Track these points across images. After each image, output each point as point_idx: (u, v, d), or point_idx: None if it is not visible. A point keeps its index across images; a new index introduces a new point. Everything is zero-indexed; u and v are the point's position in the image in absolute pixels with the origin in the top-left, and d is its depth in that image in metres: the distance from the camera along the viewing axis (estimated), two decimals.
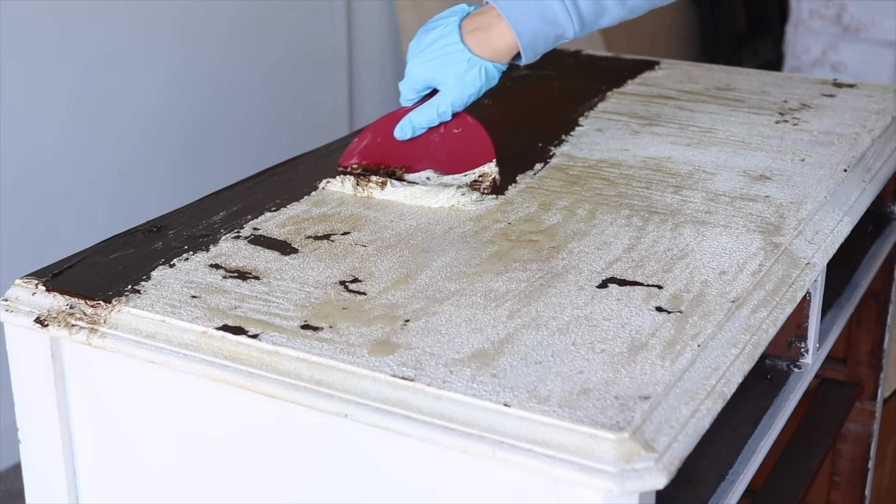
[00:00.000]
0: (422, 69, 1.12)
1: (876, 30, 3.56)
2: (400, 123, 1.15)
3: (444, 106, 1.12)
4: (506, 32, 1.09)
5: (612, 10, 1.10)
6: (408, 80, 1.14)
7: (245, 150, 2.61)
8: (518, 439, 0.75)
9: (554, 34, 1.10)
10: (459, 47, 1.10)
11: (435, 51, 1.11)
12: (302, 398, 0.82)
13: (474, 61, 1.10)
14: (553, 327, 0.86)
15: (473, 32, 1.10)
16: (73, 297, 0.92)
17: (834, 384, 1.62)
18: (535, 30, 1.09)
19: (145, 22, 2.33)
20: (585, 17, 1.10)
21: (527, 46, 1.10)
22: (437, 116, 1.13)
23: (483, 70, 1.10)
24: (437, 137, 1.15)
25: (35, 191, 2.20)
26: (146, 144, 2.39)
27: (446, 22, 1.12)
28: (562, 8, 1.09)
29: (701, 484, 0.97)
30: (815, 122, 1.36)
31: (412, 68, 1.13)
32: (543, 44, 1.11)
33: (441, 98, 1.12)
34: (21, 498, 2.09)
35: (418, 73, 1.12)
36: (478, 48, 1.10)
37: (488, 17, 1.10)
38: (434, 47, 1.11)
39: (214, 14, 2.48)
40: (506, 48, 1.10)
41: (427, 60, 1.11)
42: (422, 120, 1.14)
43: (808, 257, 1.02)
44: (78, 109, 2.24)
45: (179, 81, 2.43)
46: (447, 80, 1.11)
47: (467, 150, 1.14)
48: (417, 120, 1.14)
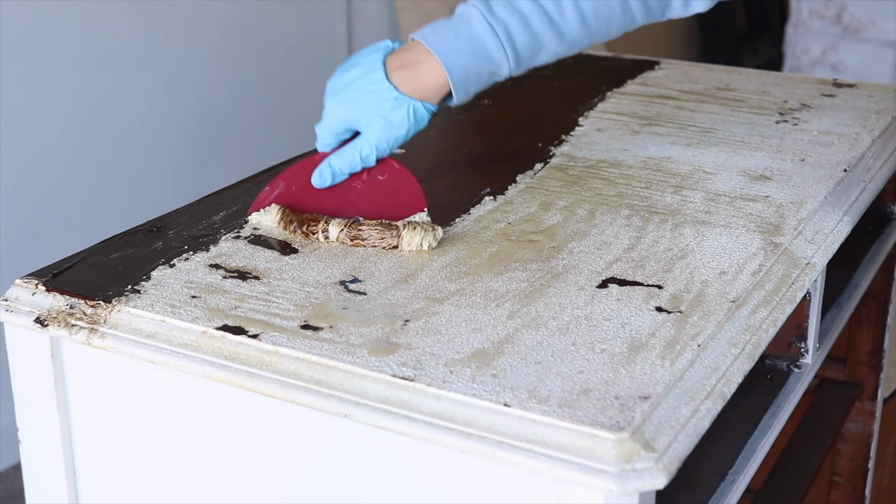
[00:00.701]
0: (342, 110, 1.03)
1: (876, 30, 3.56)
2: (318, 169, 1.05)
3: (367, 149, 1.03)
4: (436, 70, 1.01)
5: (550, 45, 1.04)
6: (326, 122, 1.04)
7: (245, 150, 2.61)
8: (518, 439, 0.75)
9: (487, 71, 1.03)
10: (385, 85, 1.01)
11: (357, 89, 1.02)
12: (302, 398, 0.82)
13: (402, 100, 1.01)
14: (553, 327, 0.86)
15: (400, 69, 1.02)
16: (73, 297, 0.92)
17: (834, 384, 1.62)
18: (467, 66, 1.01)
19: (145, 22, 2.33)
20: (521, 52, 1.03)
21: (458, 84, 1.02)
22: (360, 161, 1.03)
23: (412, 110, 1.02)
24: (359, 185, 1.05)
25: (35, 191, 2.20)
26: (146, 144, 2.40)
27: (369, 59, 1.03)
28: (496, 43, 1.01)
29: (701, 484, 0.97)
30: (815, 122, 1.36)
31: (331, 109, 1.03)
32: (476, 82, 1.03)
33: (364, 140, 1.03)
34: (21, 498, 2.09)
35: (338, 114, 1.03)
36: (405, 86, 1.01)
37: (416, 53, 1.02)
38: (356, 86, 1.02)
39: (215, 14, 2.48)
40: (436, 86, 1.02)
41: (348, 100, 1.02)
42: (342, 165, 1.04)
43: (808, 257, 1.02)
44: (78, 109, 2.24)
45: (179, 81, 2.43)
46: (371, 121, 1.02)
47: (395, 198, 1.04)
48: (338, 165, 1.04)
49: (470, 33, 1.01)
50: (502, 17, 1.01)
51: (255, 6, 2.57)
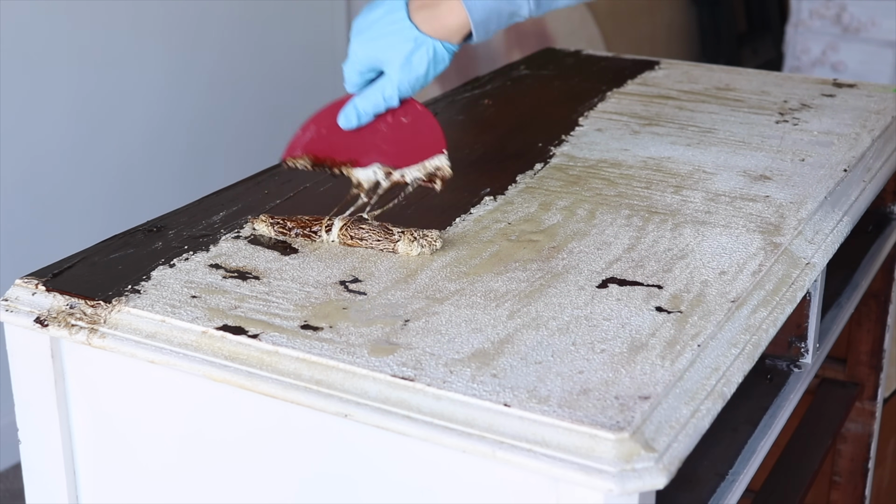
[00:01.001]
0: (365, 48, 1.04)
1: (876, 30, 3.56)
2: (343, 110, 1.06)
3: (390, 90, 1.04)
4: (456, 8, 1.02)
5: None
6: (351, 60, 1.05)
7: (245, 150, 2.61)
8: (518, 439, 0.75)
9: (508, 11, 1.03)
10: (406, 24, 1.02)
11: (379, 29, 1.03)
12: (302, 398, 0.82)
13: (421, 40, 1.02)
14: (553, 327, 0.86)
15: (421, 9, 1.02)
16: (73, 297, 0.92)
17: (834, 384, 1.62)
18: (487, 6, 1.02)
19: (146, 22, 2.33)
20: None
21: (479, 24, 1.02)
22: (384, 101, 1.05)
23: (432, 50, 1.02)
24: (384, 128, 1.07)
25: (35, 191, 2.20)
26: (146, 144, 2.40)
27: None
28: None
29: (701, 484, 0.97)
30: (815, 122, 1.36)
31: (355, 48, 1.04)
32: (496, 22, 1.03)
33: (387, 81, 1.04)
34: (21, 498, 2.09)
35: (362, 52, 1.04)
36: (426, 26, 1.02)
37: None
38: (379, 25, 1.03)
39: (214, 14, 2.48)
40: (456, 26, 1.02)
41: (371, 39, 1.03)
42: (367, 106, 1.05)
43: (808, 257, 1.02)
44: (78, 109, 2.24)
45: (179, 81, 2.43)
46: (393, 60, 1.03)
47: (416, 140, 1.06)
48: (362, 106, 1.05)
49: None
50: None
51: (255, 6, 2.57)
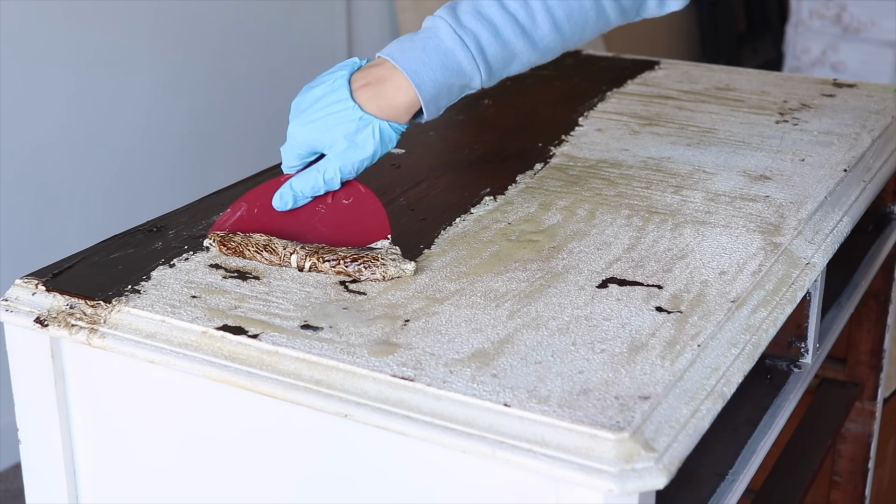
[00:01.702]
0: (305, 130, 0.98)
1: (876, 30, 3.56)
2: (279, 191, 1.00)
3: (331, 172, 0.98)
4: (404, 86, 0.96)
5: (523, 54, 0.99)
6: (290, 143, 0.99)
7: (245, 150, 2.61)
8: (518, 439, 0.75)
9: (459, 84, 0.98)
10: (349, 104, 0.96)
11: (320, 109, 0.97)
12: (302, 398, 0.82)
13: (366, 120, 0.96)
14: (553, 327, 0.86)
15: (365, 87, 0.97)
16: (73, 297, 0.92)
17: (834, 384, 1.62)
18: (437, 82, 0.97)
19: (145, 22, 2.33)
20: (493, 63, 0.98)
21: (429, 101, 0.97)
22: (324, 184, 0.99)
23: (377, 130, 0.97)
24: (323, 208, 1.01)
25: (35, 191, 2.20)
26: (146, 144, 2.40)
27: (334, 77, 0.98)
28: (466, 55, 0.97)
29: (701, 484, 0.97)
30: (815, 122, 1.36)
31: (294, 130, 0.99)
32: (447, 97, 0.99)
33: (328, 163, 0.98)
34: (21, 498, 2.09)
35: (300, 135, 0.98)
36: (371, 105, 0.97)
37: (382, 69, 0.97)
38: (319, 105, 0.97)
39: (215, 14, 2.48)
40: (404, 105, 0.97)
41: (311, 121, 0.98)
42: (305, 188, 0.99)
43: (808, 257, 1.02)
44: (78, 109, 2.24)
45: (179, 81, 2.43)
46: (335, 142, 0.97)
47: (359, 224, 0.99)
48: (300, 187, 0.99)
49: (438, 46, 0.97)
50: (471, 28, 0.97)
51: (255, 6, 2.57)
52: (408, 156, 1.25)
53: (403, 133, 1.00)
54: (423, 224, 1.06)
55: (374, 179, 1.15)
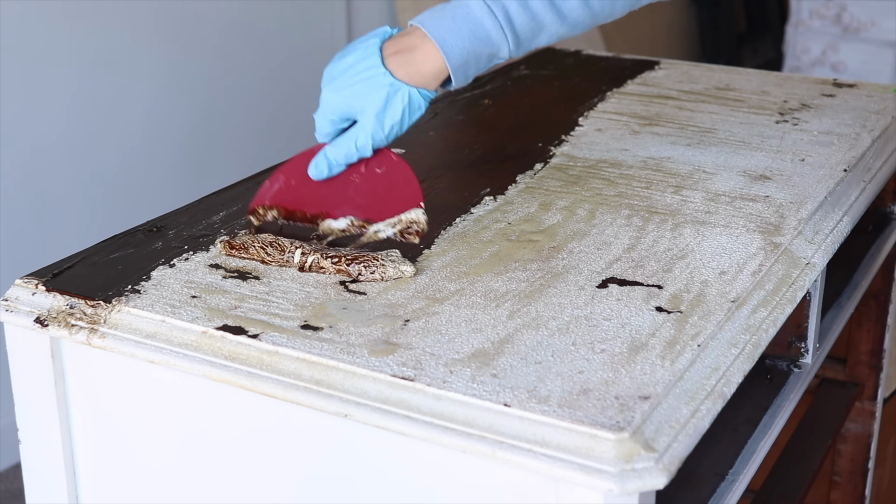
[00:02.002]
0: (337, 97, 0.99)
1: (876, 30, 3.57)
2: (314, 160, 1.02)
3: (363, 139, 0.99)
4: (432, 54, 0.98)
5: (551, 26, 1.00)
6: (323, 109, 1.00)
7: (245, 150, 2.61)
8: (518, 439, 0.75)
9: (487, 53, 1.00)
10: (380, 71, 0.98)
11: (352, 76, 0.98)
12: (302, 398, 0.82)
13: (396, 86, 0.98)
14: (553, 327, 0.86)
15: (396, 55, 0.99)
16: (73, 297, 0.92)
17: (834, 384, 1.62)
18: (465, 50, 0.98)
19: (145, 22, 2.33)
20: (521, 34, 1.00)
21: (457, 69, 0.99)
22: (356, 151, 1.00)
23: (407, 96, 0.98)
24: (357, 178, 1.02)
25: (35, 191, 2.20)
26: (146, 144, 2.40)
27: (366, 45, 1.00)
28: (494, 24, 0.98)
29: (701, 484, 0.97)
30: (815, 122, 1.36)
31: (327, 96, 1.00)
32: (475, 65, 1.00)
33: (360, 130, 0.99)
34: (21, 498, 2.09)
35: (333, 101, 0.99)
36: (401, 72, 0.98)
37: (413, 38, 0.99)
38: (351, 72, 0.99)
39: (214, 14, 2.48)
40: (433, 72, 0.99)
41: (343, 87, 0.99)
42: (338, 155, 1.00)
43: (808, 257, 1.02)
44: (78, 109, 2.24)
45: (179, 81, 2.43)
46: (366, 108, 0.98)
47: (391, 193, 1.01)
48: (334, 155, 1.01)
49: (468, 15, 0.99)
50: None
51: (254, 6, 2.57)
52: (408, 156, 1.25)
53: (404, 133, 1.01)
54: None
55: None
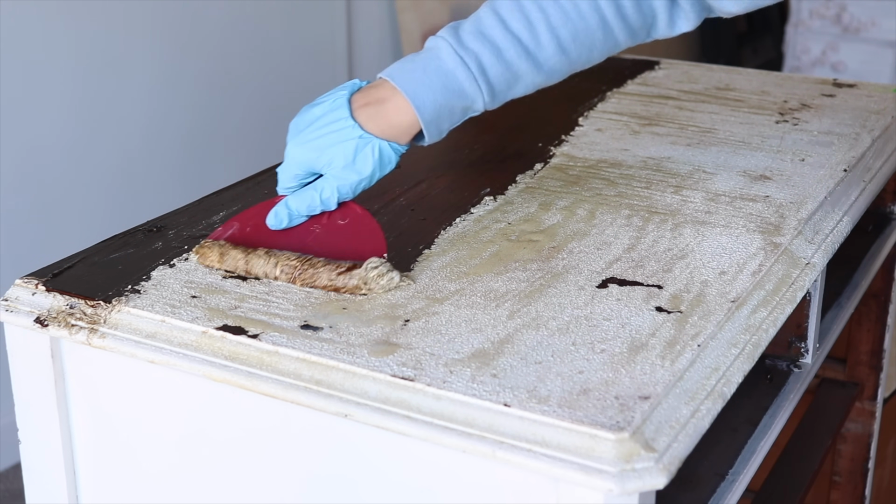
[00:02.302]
0: (302, 150, 0.96)
1: (876, 30, 3.57)
2: (274, 209, 0.98)
3: (328, 191, 0.96)
4: (404, 107, 0.95)
5: (527, 76, 0.98)
6: (287, 164, 0.97)
7: (245, 150, 2.61)
8: (518, 439, 0.75)
9: (460, 106, 0.97)
10: (349, 123, 0.95)
11: (319, 128, 0.95)
12: (302, 398, 0.82)
13: (366, 139, 0.95)
14: (553, 327, 0.86)
15: (365, 107, 0.96)
16: (73, 297, 0.92)
17: (834, 384, 1.62)
18: (437, 103, 0.95)
19: (145, 22, 2.33)
20: (496, 85, 0.97)
21: (430, 122, 0.96)
22: (320, 204, 0.97)
23: (377, 150, 0.95)
24: (318, 228, 0.98)
25: (35, 191, 2.20)
26: (146, 144, 2.40)
27: (334, 97, 0.97)
28: (468, 76, 0.95)
29: (701, 484, 0.97)
30: (815, 122, 1.36)
31: (292, 150, 0.97)
32: (449, 119, 0.97)
33: (326, 182, 0.96)
34: (21, 498, 2.09)
35: (299, 155, 0.96)
36: (371, 125, 0.95)
37: (383, 90, 0.96)
38: (318, 124, 0.96)
39: (214, 14, 2.48)
40: (404, 125, 0.96)
41: (310, 140, 0.96)
42: (301, 207, 0.97)
43: (808, 257, 1.02)
44: (78, 109, 2.24)
45: (179, 81, 2.43)
46: (333, 161, 0.95)
47: (353, 245, 0.97)
48: (296, 206, 0.97)
49: (439, 67, 0.95)
50: (473, 49, 0.96)
51: (255, 6, 2.57)
52: (408, 156, 1.25)
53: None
54: (423, 224, 1.06)
55: None
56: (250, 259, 0.95)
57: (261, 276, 0.94)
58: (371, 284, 0.91)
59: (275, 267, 0.94)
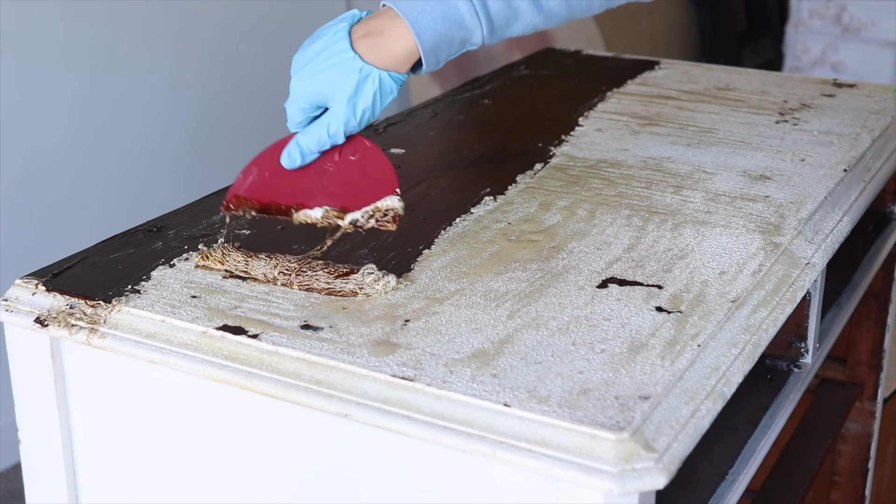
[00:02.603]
0: (306, 84, 0.96)
1: (876, 30, 3.56)
2: (286, 149, 0.99)
3: (335, 125, 0.96)
4: (403, 35, 0.95)
5: (527, 15, 0.98)
6: (293, 98, 0.98)
7: (245, 150, 2.60)
8: (518, 439, 0.75)
9: (459, 38, 0.97)
10: (349, 55, 0.95)
11: (321, 62, 0.96)
12: (302, 398, 0.82)
13: (366, 70, 0.95)
14: (553, 327, 0.86)
15: (365, 38, 0.96)
16: (73, 297, 0.92)
17: (834, 384, 1.62)
18: (437, 32, 0.95)
19: (145, 22, 2.33)
20: (495, 19, 0.97)
21: (429, 51, 0.96)
22: (329, 138, 0.97)
23: (378, 80, 0.95)
24: (331, 167, 0.99)
25: (35, 191, 2.20)
26: (146, 144, 2.40)
27: (334, 29, 0.97)
28: (469, 8, 0.96)
29: (701, 484, 0.97)
30: (815, 122, 1.36)
31: (296, 84, 0.97)
32: (447, 49, 0.97)
33: (331, 116, 0.97)
34: (21, 498, 2.09)
35: (303, 88, 0.97)
36: (370, 55, 0.95)
37: (382, 19, 0.96)
38: (320, 58, 0.96)
39: (214, 14, 2.48)
40: (404, 54, 0.96)
41: (312, 73, 0.96)
42: (311, 143, 0.98)
43: (808, 257, 1.02)
44: (78, 109, 2.24)
45: (180, 81, 2.43)
46: (336, 94, 0.96)
47: (366, 180, 0.98)
48: (306, 143, 0.98)
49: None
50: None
51: (254, 6, 2.57)
52: (408, 156, 1.25)
53: (404, 132, 0.99)
54: (423, 224, 1.06)
55: None
56: (250, 262, 0.95)
57: (260, 278, 0.94)
58: (367, 290, 0.91)
59: (273, 269, 0.94)
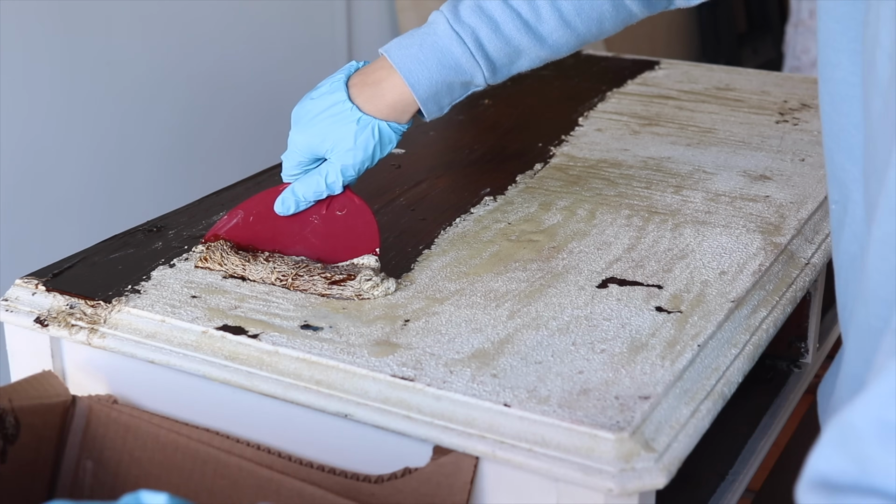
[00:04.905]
0: (304, 136, 0.96)
1: None
2: (281, 196, 0.98)
3: (332, 175, 0.96)
4: (399, 86, 0.95)
5: (530, 50, 0.97)
6: (290, 150, 0.97)
7: (245, 150, 2.61)
8: (518, 439, 0.75)
9: (459, 82, 0.96)
10: (347, 106, 0.95)
11: (319, 114, 0.95)
12: (302, 398, 0.82)
13: (365, 121, 0.94)
14: (553, 327, 0.86)
15: (363, 89, 0.95)
16: (73, 297, 0.92)
17: None
18: (433, 80, 0.95)
19: (144, 21, 2.33)
20: (496, 59, 0.96)
21: (427, 100, 0.95)
22: (326, 188, 0.96)
23: (376, 131, 0.95)
24: (316, 219, 0.99)
25: (35, 191, 2.20)
26: (146, 144, 2.40)
27: (332, 81, 0.97)
28: (464, 52, 0.94)
29: (701, 484, 0.97)
30: (815, 122, 1.36)
31: (294, 137, 0.97)
32: (448, 95, 0.97)
33: (329, 166, 0.96)
34: None
35: (301, 141, 0.96)
36: (369, 106, 0.95)
37: (379, 70, 0.96)
38: (318, 110, 0.96)
39: (214, 14, 2.48)
40: (401, 104, 0.95)
41: (310, 126, 0.96)
42: (307, 192, 0.97)
43: (808, 257, 1.02)
44: (78, 109, 2.24)
45: (179, 81, 2.44)
46: (335, 145, 0.95)
47: (348, 236, 0.97)
48: (302, 192, 0.97)
49: (435, 43, 0.95)
50: (470, 23, 0.95)
51: (254, 6, 2.57)
52: (408, 156, 1.25)
53: (404, 132, 0.99)
54: (423, 224, 1.06)
55: (375, 179, 1.15)
56: (248, 266, 0.95)
57: (258, 280, 0.94)
58: (365, 297, 0.91)
59: (271, 273, 0.94)
